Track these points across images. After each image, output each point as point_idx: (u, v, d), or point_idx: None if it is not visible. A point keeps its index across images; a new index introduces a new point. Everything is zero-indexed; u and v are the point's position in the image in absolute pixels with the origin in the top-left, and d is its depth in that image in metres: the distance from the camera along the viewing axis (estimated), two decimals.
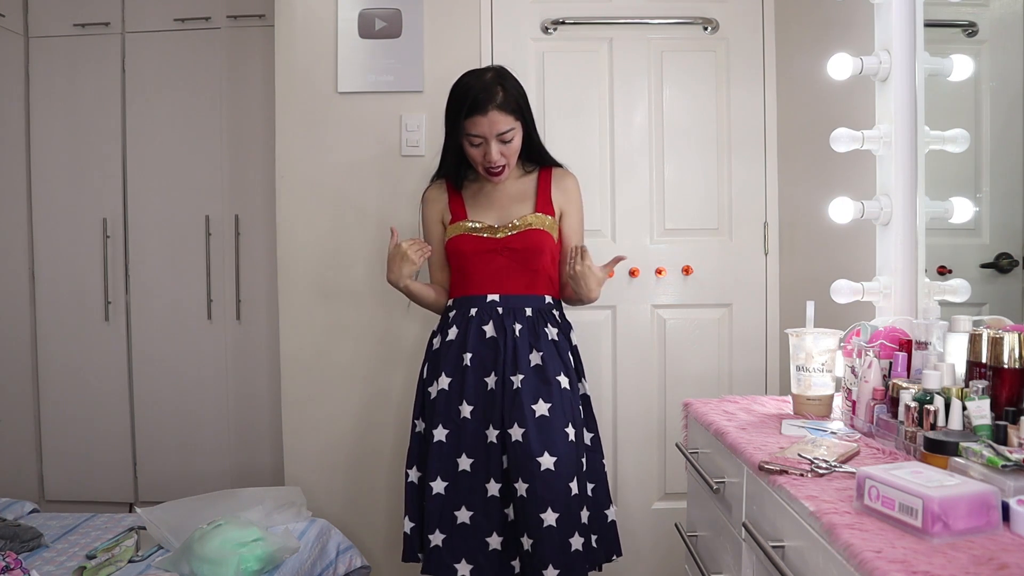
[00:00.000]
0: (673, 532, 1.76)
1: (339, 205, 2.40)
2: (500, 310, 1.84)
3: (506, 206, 1.91)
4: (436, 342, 1.92)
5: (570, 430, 1.77)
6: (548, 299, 1.89)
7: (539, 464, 1.72)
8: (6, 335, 2.84)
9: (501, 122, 1.79)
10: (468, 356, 1.82)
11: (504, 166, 1.85)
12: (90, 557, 1.95)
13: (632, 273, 2.42)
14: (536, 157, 1.95)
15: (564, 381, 1.81)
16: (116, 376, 2.85)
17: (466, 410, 1.80)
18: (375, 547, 2.38)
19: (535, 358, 1.81)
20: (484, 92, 1.78)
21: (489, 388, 1.81)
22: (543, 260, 1.87)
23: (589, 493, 1.85)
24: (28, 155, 2.85)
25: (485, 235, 1.87)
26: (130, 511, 2.69)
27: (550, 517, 1.71)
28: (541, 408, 1.76)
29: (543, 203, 1.91)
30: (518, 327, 1.82)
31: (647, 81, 2.42)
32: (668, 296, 2.44)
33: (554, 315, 1.89)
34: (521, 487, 1.73)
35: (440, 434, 1.81)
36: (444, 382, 1.83)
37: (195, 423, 2.83)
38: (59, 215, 2.85)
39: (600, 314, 2.42)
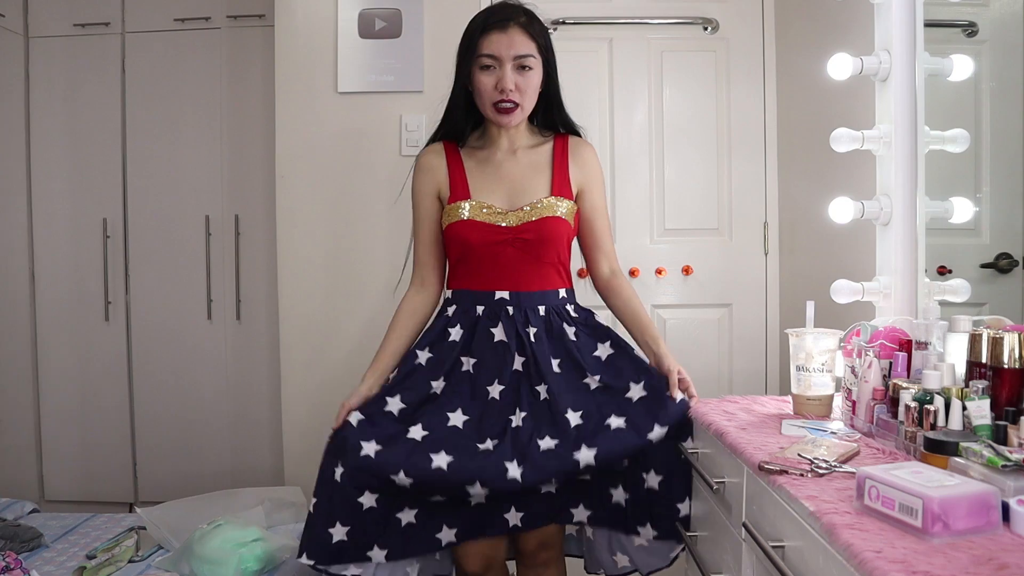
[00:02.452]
0: None
1: (339, 205, 2.40)
2: (511, 309, 1.60)
3: (517, 182, 1.64)
4: (429, 336, 1.68)
5: (614, 420, 1.54)
6: (562, 292, 1.66)
7: (577, 462, 1.51)
8: (6, 335, 2.84)
9: (521, 44, 1.58)
10: (471, 362, 1.60)
11: (518, 105, 1.59)
12: (90, 557, 1.95)
13: (632, 273, 2.42)
14: (553, 119, 1.72)
15: (597, 379, 1.60)
16: (116, 376, 2.85)
17: (457, 419, 1.55)
18: None
19: (555, 364, 1.59)
20: (507, 10, 1.60)
21: (491, 397, 1.58)
22: (559, 251, 1.64)
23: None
24: (28, 155, 2.85)
25: (492, 221, 1.61)
26: (130, 511, 2.69)
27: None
28: (574, 418, 1.54)
29: (560, 182, 1.65)
30: (533, 331, 1.59)
31: (647, 81, 2.42)
32: (668, 296, 2.44)
33: (568, 310, 1.66)
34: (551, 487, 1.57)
35: (417, 432, 1.53)
36: (439, 386, 1.60)
37: (195, 423, 2.82)
38: (59, 215, 2.85)
39: (600, 314, 2.42)
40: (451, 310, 1.65)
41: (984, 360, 1.16)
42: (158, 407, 2.84)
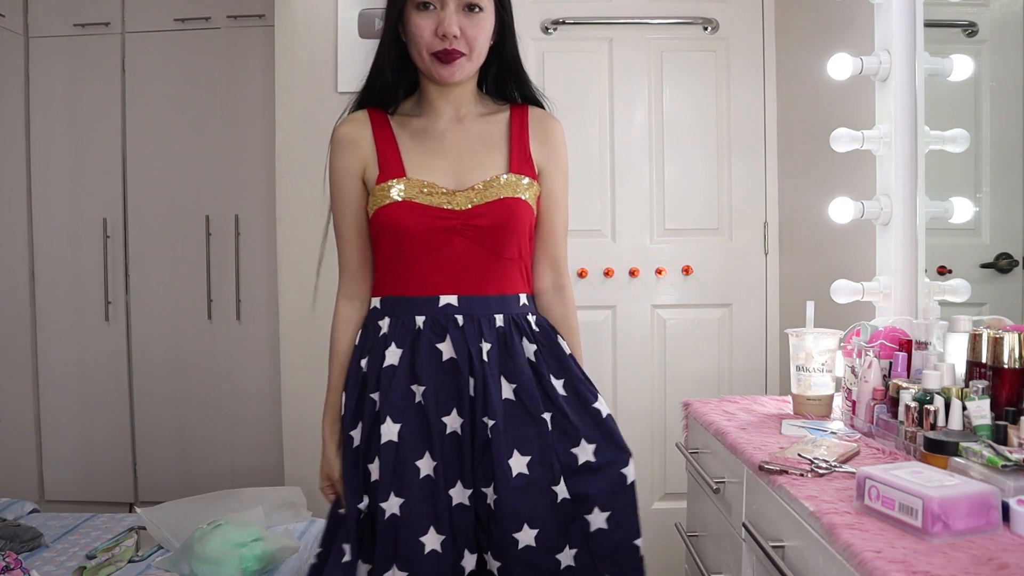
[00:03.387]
0: (673, 532, 1.76)
1: None
2: (460, 319, 1.25)
3: (465, 156, 1.30)
4: (364, 364, 1.30)
5: (559, 488, 1.22)
6: (523, 299, 1.31)
7: (516, 541, 1.20)
8: (6, 335, 2.84)
9: None
10: (420, 390, 1.24)
11: (462, 54, 1.25)
12: (90, 557, 1.95)
13: (632, 273, 2.42)
14: (508, 85, 1.37)
15: (548, 419, 1.25)
16: (116, 376, 2.85)
17: (427, 466, 1.22)
18: None
19: (507, 391, 1.25)
20: None
21: (450, 431, 1.23)
22: (520, 243, 1.30)
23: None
24: (28, 155, 2.85)
25: (435, 204, 1.26)
26: (130, 511, 2.69)
27: None
28: (518, 464, 1.22)
29: (519, 157, 1.31)
30: (486, 347, 1.25)
31: (647, 81, 2.42)
32: (668, 296, 2.44)
33: (529, 322, 1.30)
34: (493, 564, 1.23)
35: (392, 506, 1.20)
36: (391, 431, 1.22)
37: (195, 423, 2.83)
38: (59, 215, 2.85)
39: (600, 314, 2.42)
40: (384, 324, 1.29)
41: (984, 360, 1.16)
42: (158, 407, 2.84)
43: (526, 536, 1.21)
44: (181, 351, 2.83)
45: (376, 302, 1.33)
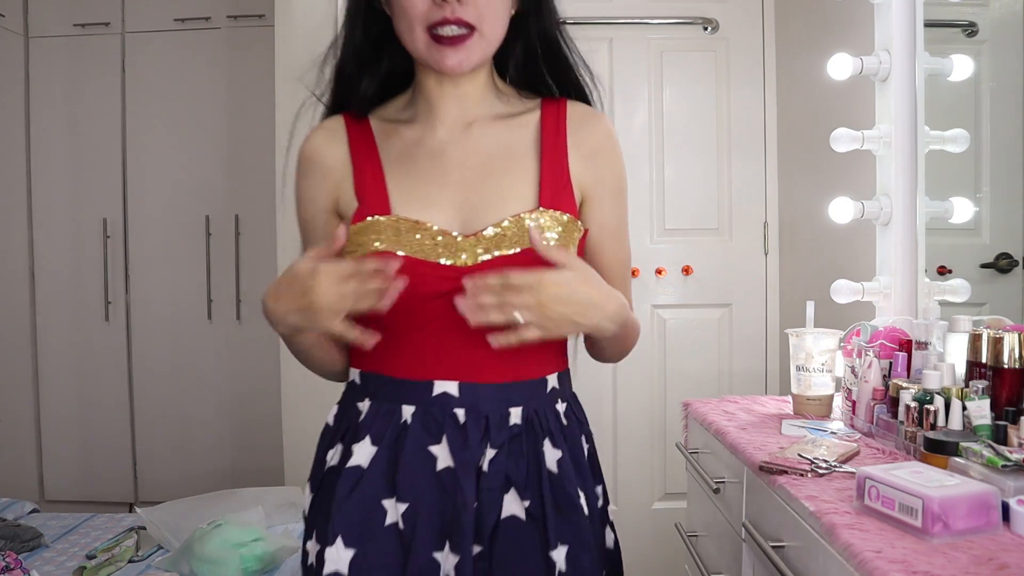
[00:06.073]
0: (673, 532, 1.76)
1: None
2: (461, 415, 0.90)
3: (474, 182, 0.93)
4: (333, 457, 0.97)
5: None
6: (552, 382, 0.97)
7: None
8: (6, 335, 2.84)
9: None
10: (402, 509, 0.89)
11: (473, 29, 0.88)
12: (90, 557, 1.95)
13: (632, 273, 2.41)
14: (537, 72, 1.00)
15: (561, 555, 0.89)
16: (116, 376, 2.85)
17: None
18: None
19: (515, 507, 0.90)
20: None
21: (442, 575, 0.89)
22: None
23: None
24: (28, 155, 2.85)
25: (431, 257, 0.89)
26: (130, 511, 2.69)
27: None
28: None
29: (554, 182, 0.93)
30: (490, 453, 0.90)
31: (647, 81, 2.42)
32: (668, 296, 2.44)
33: (558, 413, 0.96)
34: None
35: None
36: (341, 559, 0.88)
37: (195, 423, 2.83)
38: (59, 215, 2.85)
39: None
40: (364, 407, 0.97)
41: (984, 360, 1.16)
42: (158, 407, 2.84)
43: None
44: (181, 351, 2.83)
45: (355, 375, 1.01)
